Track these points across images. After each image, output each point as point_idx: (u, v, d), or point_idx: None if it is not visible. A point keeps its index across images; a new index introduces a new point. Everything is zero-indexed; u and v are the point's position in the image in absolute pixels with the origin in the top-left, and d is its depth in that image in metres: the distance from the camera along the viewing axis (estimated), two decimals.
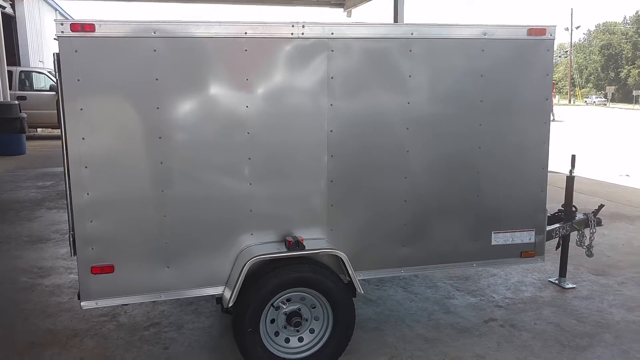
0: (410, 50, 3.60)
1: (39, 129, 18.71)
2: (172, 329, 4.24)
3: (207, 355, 3.85)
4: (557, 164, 7.46)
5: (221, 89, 3.36)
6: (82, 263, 3.27)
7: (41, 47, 22.94)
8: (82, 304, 3.31)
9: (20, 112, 14.30)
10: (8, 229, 7.19)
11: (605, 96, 60.88)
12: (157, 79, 3.24)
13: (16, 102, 14.78)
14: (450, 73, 3.71)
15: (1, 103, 14.36)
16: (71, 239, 3.31)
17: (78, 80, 3.14)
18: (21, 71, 17.74)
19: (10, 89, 16.40)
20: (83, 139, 3.19)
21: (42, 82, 17.82)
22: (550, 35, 3.80)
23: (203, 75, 3.32)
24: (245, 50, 3.35)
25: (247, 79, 3.38)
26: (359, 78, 3.56)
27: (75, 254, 3.29)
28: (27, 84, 17.69)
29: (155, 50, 3.22)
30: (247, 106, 3.39)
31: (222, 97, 3.36)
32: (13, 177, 11.15)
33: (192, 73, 3.30)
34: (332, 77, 3.50)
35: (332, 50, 3.48)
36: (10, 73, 16.58)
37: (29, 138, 15.89)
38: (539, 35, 3.77)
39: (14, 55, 19.00)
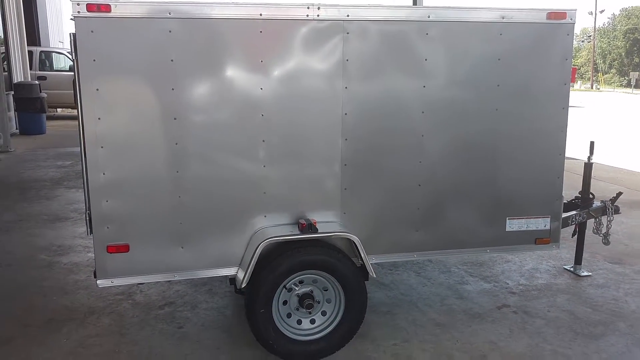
0: (427, 34, 3.55)
1: (58, 109, 18.92)
2: (187, 308, 4.30)
3: (220, 334, 3.90)
4: (577, 150, 7.37)
5: (236, 70, 3.35)
6: (98, 242, 3.32)
7: (61, 28, 23.10)
8: (98, 282, 3.36)
9: (41, 92, 14.47)
10: (28, 208, 7.32)
11: (629, 83, 59.62)
12: (172, 60, 3.25)
13: (36, 82, 14.96)
14: (467, 57, 3.66)
15: (22, 83, 14.53)
16: (87, 218, 3.36)
17: (94, 60, 3.15)
18: (41, 51, 17.92)
19: (30, 69, 16.59)
20: (99, 119, 3.21)
21: (62, 62, 17.99)
22: (571, 19, 3.72)
23: (218, 56, 3.31)
24: (260, 31, 3.33)
25: (261, 61, 3.37)
26: (374, 61, 3.53)
27: (91, 232, 3.34)
28: (47, 64, 17.88)
29: (170, 32, 3.22)
30: (261, 88, 3.39)
31: (236, 78, 3.36)
32: (33, 156, 11.32)
33: (207, 54, 3.29)
34: (347, 60, 3.47)
35: (348, 33, 3.44)
36: (30, 53, 16.76)
37: (49, 118, 16.10)
38: (559, 19, 3.69)
39: (34, 35, 19.14)
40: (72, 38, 3.17)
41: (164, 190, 3.36)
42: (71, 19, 3.13)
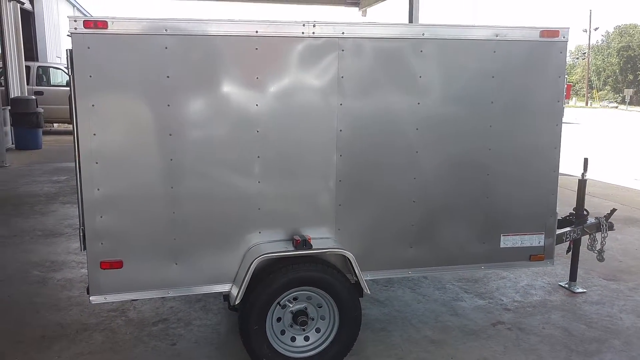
0: (421, 51, 3.59)
1: (55, 124, 18.92)
2: (180, 325, 4.27)
3: (214, 351, 3.87)
4: (571, 166, 7.41)
5: (231, 87, 3.37)
6: (91, 258, 3.31)
7: (58, 43, 23.19)
8: (91, 298, 3.34)
9: (37, 107, 14.48)
10: (22, 223, 7.29)
11: (624, 100, 60.07)
12: (168, 77, 3.27)
13: (33, 97, 14.98)
14: (461, 74, 3.70)
15: (19, 98, 14.54)
16: (81, 234, 3.35)
17: (90, 76, 3.17)
18: (39, 66, 17.97)
19: (27, 83, 16.60)
20: (94, 134, 3.22)
21: (59, 77, 18.02)
22: (564, 37, 3.77)
23: (214, 73, 3.33)
24: (256, 48, 3.36)
25: (257, 78, 3.39)
26: (369, 78, 3.56)
27: (85, 248, 3.33)
28: (45, 79, 17.90)
29: (166, 48, 3.24)
30: (257, 104, 3.41)
31: (232, 95, 3.38)
32: (29, 171, 11.30)
33: (203, 71, 3.32)
34: (342, 77, 3.50)
35: (343, 50, 3.48)
36: (28, 68, 16.80)
37: (46, 133, 16.09)
38: (552, 37, 3.74)
39: (31, 50, 19.23)
40: (68, 54, 3.19)
41: (158, 206, 3.36)
42: (68, 35, 3.16)
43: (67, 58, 3.22)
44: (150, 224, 3.36)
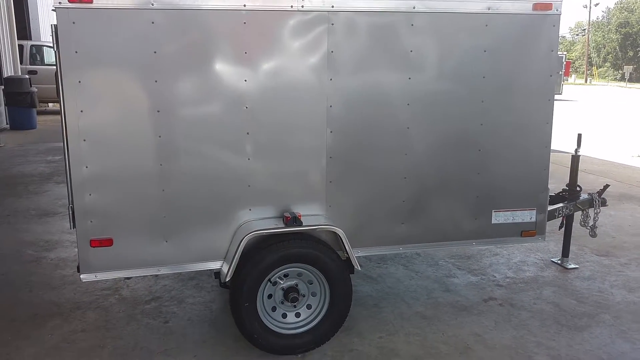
0: (412, 25, 3.54)
1: (49, 104, 18.79)
2: (173, 303, 4.29)
3: (206, 329, 3.89)
4: (567, 143, 7.38)
5: (220, 62, 3.33)
6: (81, 236, 3.29)
7: (52, 22, 22.91)
8: (81, 276, 3.34)
9: (31, 86, 14.36)
10: (16, 203, 7.28)
11: (623, 76, 59.73)
12: (155, 52, 3.22)
13: (27, 76, 14.84)
14: (452, 48, 3.65)
15: (12, 77, 14.41)
16: (70, 212, 3.33)
17: (76, 52, 3.12)
18: (32, 45, 17.78)
19: (21, 63, 16.44)
20: (81, 111, 3.18)
21: (53, 56, 17.80)
22: (557, 10, 3.71)
23: (201, 48, 3.29)
24: (244, 22, 3.31)
25: (245, 53, 3.34)
26: (359, 52, 3.51)
27: (74, 226, 3.31)
28: (38, 58, 17.74)
29: (153, 23, 3.18)
30: (245, 80, 3.37)
31: (220, 70, 3.34)
32: (23, 151, 11.25)
33: (190, 46, 3.27)
34: (332, 51, 3.45)
35: (333, 24, 3.42)
36: (21, 47, 16.62)
37: (40, 113, 16.00)
38: (545, 10, 3.69)
39: (25, 29, 18.99)
40: (53, 29, 3.14)
41: (147, 183, 3.33)
42: (52, 9, 3.11)
43: (52, 34, 3.17)
44: (139, 202, 3.34)
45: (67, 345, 3.67)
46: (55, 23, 3.10)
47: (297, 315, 3.59)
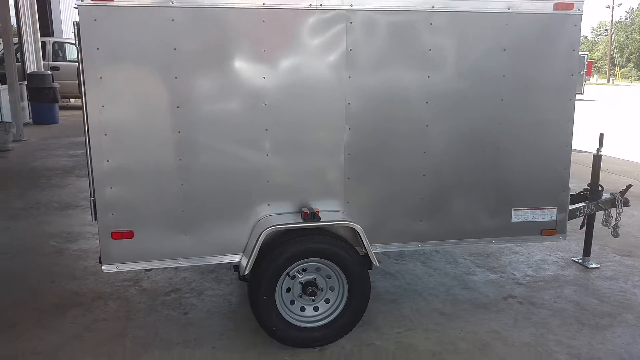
0: (431, 24, 3.52)
1: (71, 99, 19.05)
2: (193, 295, 4.33)
3: (225, 321, 3.93)
4: (589, 143, 7.27)
5: (239, 59, 3.35)
6: (102, 228, 3.35)
7: (74, 18, 23.19)
8: (103, 267, 3.40)
9: (53, 82, 14.58)
10: (39, 195, 7.41)
11: None
12: (175, 49, 3.25)
13: (49, 72, 15.06)
14: (472, 47, 3.62)
15: (35, 73, 14.64)
16: (92, 205, 3.39)
17: (97, 48, 3.16)
18: (54, 42, 18.03)
19: (43, 59, 16.69)
20: (103, 106, 3.23)
21: (75, 52, 17.97)
22: (578, 9, 3.66)
23: (221, 45, 3.31)
24: (263, 21, 3.32)
25: (264, 50, 3.36)
26: (378, 50, 3.51)
27: (96, 219, 3.37)
28: (60, 55, 17.98)
29: (173, 20, 3.22)
30: (264, 77, 3.38)
31: (239, 67, 3.36)
32: (46, 145, 11.43)
33: (209, 43, 3.29)
34: (350, 50, 3.45)
35: (351, 22, 3.42)
36: (43, 44, 16.86)
37: (62, 108, 16.22)
38: (566, 10, 3.64)
39: (47, 26, 19.25)
40: (75, 26, 3.18)
41: (166, 177, 3.37)
42: (75, 7, 3.15)
43: (74, 30, 3.22)
44: (159, 196, 3.38)
45: (88, 334, 3.74)
46: (78, 20, 3.15)
47: (316, 309, 3.61)
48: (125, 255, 3.40)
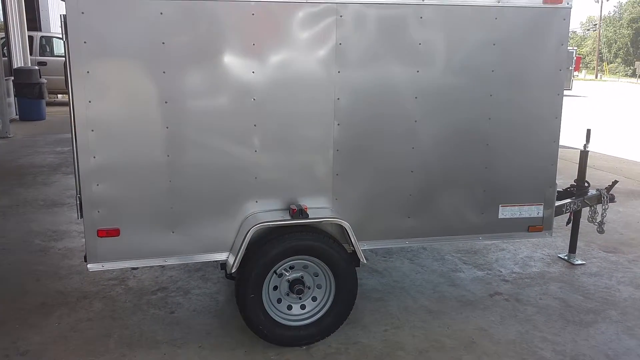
0: (421, 17, 3.52)
1: (59, 95, 18.86)
2: (179, 293, 4.31)
3: (211, 319, 3.91)
4: (577, 139, 7.33)
5: (227, 53, 3.33)
6: (88, 226, 3.31)
7: (62, 12, 22.94)
8: (88, 266, 3.36)
9: (41, 77, 14.41)
10: (25, 193, 7.33)
11: (634, 72, 59.09)
12: (163, 43, 3.22)
13: (36, 67, 14.90)
14: (461, 41, 3.63)
15: (22, 68, 14.48)
16: (78, 202, 3.35)
17: (84, 42, 3.12)
18: (42, 36, 17.82)
19: (30, 54, 16.50)
20: (89, 102, 3.19)
21: (62, 47, 17.86)
22: (567, 3, 3.68)
23: (210, 39, 3.28)
24: (253, 14, 3.30)
25: (253, 44, 3.34)
26: (367, 45, 3.50)
27: (82, 216, 3.33)
28: (48, 50, 17.79)
29: (162, 13, 3.18)
30: (253, 72, 3.36)
31: (228, 62, 3.33)
32: (32, 142, 11.31)
33: (198, 37, 3.26)
34: (340, 44, 3.44)
35: (341, 16, 3.41)
36: (31, 38, 16.67)
37: (49, 104, 16.07)
38: (555, 4, 3.65)
39: (34, 20, 19.04)
40: (62, 19, 3.14)
41: (154, 174, 3.34)
42: None
43: (60, 24, 3.18)
44: (146, 193, 3.35)
45: (73, 334, 3.70)
46: (65, 13, 3.11)
47: (303, 307, 3.60)
48: (111, 254, 3.36)
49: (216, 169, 3.42)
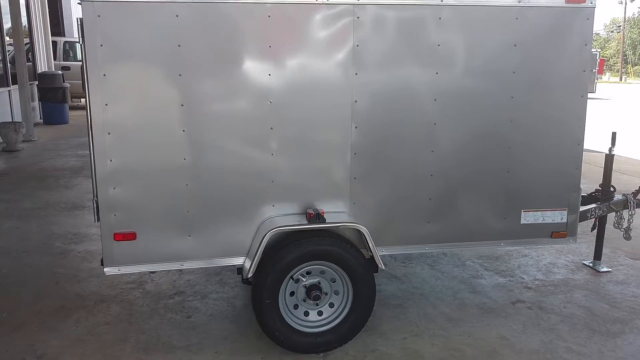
0: (440, 18, 3.45)
1: (82, 99, 19.11)
2: (197, 298, 4.28)
3: (228, 324, 3.87)
4: (601, 143, 7.15)
5: (244, 56, 3.30)
6: (105, 229, 3.30)
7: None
8: (105, 269, 3.35)
9: (64, 82, 14.64)
10: (47, 196, 7.41)
11: None
12: (179, 46, 3.20)
13: (60, 72, 15.13)
14: (481, 42, 3.55)
15: (45, 73, 14.71)
16: (95, 205, 3.34)
17: (101, 45, 3.12)
18: (65, 42, 18.13)
19: (54, 59, 16.79)
20: (106, 105, 3.19)
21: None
22: (591, 2, 3.57)
23: (225, 42, 3.26)
24: (269, 16, 3.27)
25: (270, 46, 3.30)
26: (385, 46, 3.44)
27: (99, 220, 3.32)
28: (71, 54, 18.08)
29: (177, 16, 3.17)
30: (269, 74, 3.33)
31: (244, 64, 3.30)
32: (55, 145, 11.47)
33: (214, 39, 3.24)
34: (357, 45, 3.39)
35: (359, 17, 3.36)
36: (54, 43, 16.96)
37: (72, 108, 16.30)
38: (579, 3, 3.55)
39: (58, 25, 19.37)
40: (79, 23, 3.15)
41: (170, 177, 3.32)
42: (78, 3, 3.12)
43: (77, 27, 3.18)
44: (163, 196, 3.33)
45: (90, 337, 3.70)
46: (81, 16, 3.11)
47: (320, 313, 3.54)
48: (127, 258, 3.35)
49: (232, 172, 3.39)
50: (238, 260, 3.50)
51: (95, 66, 3.14)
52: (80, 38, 3.16)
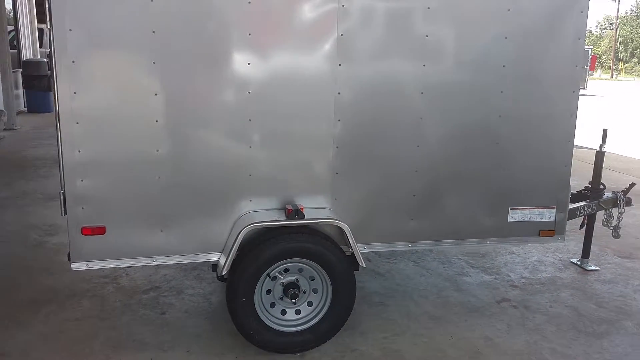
0: (428, 8, 3.31)
1: None
2: (172, 293, 4.15)
3: (202, 322, 3.74)
4: (591, 139, 7.07)
5: (221, 44, 3.14)
6: (72, 223, 3.14)
7: None
8: (72, 265, 3.19)
9: (49, 69, 14.34)
10: (25, 185, 7.23)
11: None
12: (153, 32, 3.04)
13: (45, 59, 14.83)
14: (470, 34, 3.42)
15: (30, 60, 14.45)
16: (62, 198, 3.18)
17: (70, 30, 2.95)
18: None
19: (40, 46, 16.47)
20: (75, 93, 3.02)
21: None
22: None
23: (202, 28, 3.10)
24: (249, 2, 3.11)
25: (249, 34, 3.15)
26: (370, 36, 3.30)
27: (65, 213, 3.16)
28: None
29: (152, 1, 3.01)
30: (248, 63, 3.18)
31: (222, 52, 3.15)
32: (37, 134, 11.25)
33: (190, 26, 3.08)
34: (341, 35, 3.25)
35: (343, 5, 3.21)
36: (41, 31, 16.63)
37: None
38: None
39: (44, 13, 19.03)
40: (47, 6, 2.98)
41: (142, 170, 3.16)
42: None
43: (46, 10, 3.01)
44: (134, 189, 3.18)
45: (59, 334, 3.55)
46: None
47: (297, 312, 3.42)
48: (96, 253, 3.19)
49: (208, 165, 3.24)
50: (214, 257, 3.36)
51: (64, 52, 2.96)
52: (48, 22, 2.99)
